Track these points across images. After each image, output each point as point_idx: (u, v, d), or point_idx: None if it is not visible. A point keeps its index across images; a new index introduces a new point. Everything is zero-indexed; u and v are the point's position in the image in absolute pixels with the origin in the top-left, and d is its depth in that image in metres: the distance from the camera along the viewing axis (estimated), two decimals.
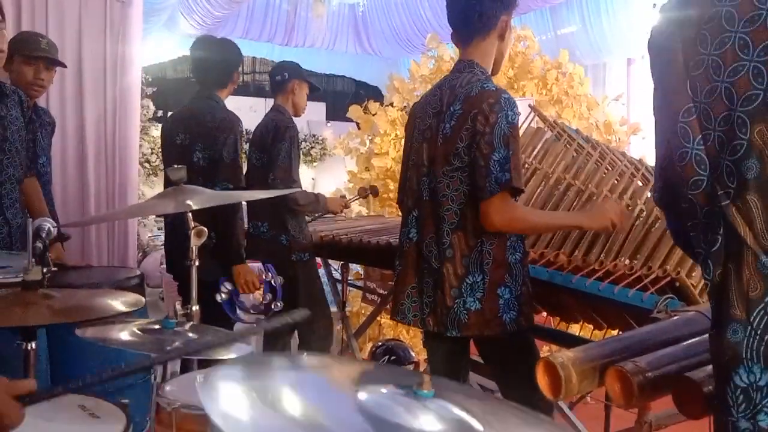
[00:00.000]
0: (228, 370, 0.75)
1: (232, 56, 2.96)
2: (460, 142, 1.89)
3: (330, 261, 4.03)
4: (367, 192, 3.59)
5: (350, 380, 0.80)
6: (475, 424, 0.69)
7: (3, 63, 2.32)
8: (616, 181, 2.36)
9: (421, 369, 3.88)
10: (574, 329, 2.98)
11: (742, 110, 1.01)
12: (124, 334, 1.39)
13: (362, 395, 0.71)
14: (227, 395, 0.67)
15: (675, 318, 1.51)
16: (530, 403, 1.01)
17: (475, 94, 1.90)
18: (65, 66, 3.02)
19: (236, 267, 2.79)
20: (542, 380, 1.32)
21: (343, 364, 0.96)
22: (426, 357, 3.93)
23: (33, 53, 2.72)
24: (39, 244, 1.78)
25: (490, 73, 2.03)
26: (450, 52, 4.92)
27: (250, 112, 9.89)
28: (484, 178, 1.84)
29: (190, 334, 1.39)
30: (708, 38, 1.05)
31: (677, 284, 1.89)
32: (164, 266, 3.14)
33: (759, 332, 0.99)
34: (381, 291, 4.11)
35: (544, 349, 3.76)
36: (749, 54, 1.00)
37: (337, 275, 4.00)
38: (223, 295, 2.74)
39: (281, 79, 3.31)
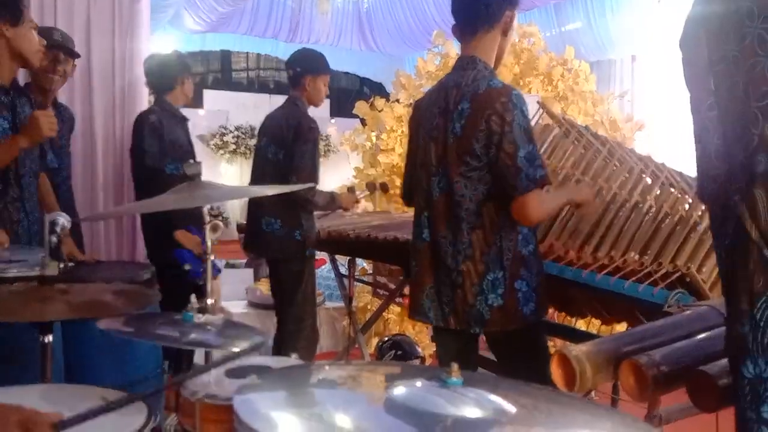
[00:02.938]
0: (261, 386, 0.76)
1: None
2: (476, 143, 1.89)
3: (337, 256, 4.03)
4: (375, 187, 3.56)
5: (379, 382, 0.82)
6: (510, 407, 0.70)
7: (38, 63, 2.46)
8: (624, 177, 2.36)
9: (427, 364, 3.89)
10: (580, 325, 2.99)
11: (757, 106, 1.02)
12: (144, 326, 1.40)
13: (397, 392, 0.72)
14: (267, 413, 0.68)
15: (687, 312, 1.53)
16: None
17: (483, 91, 1.90)
18: (79, 56, 3.06)
19: (180, 233, 2.90)
20: (556, 373, 1.33)
21: (365, 369, 0.98)
22: (432, 352, 3.95)
23: (48, 42, 2.75)
24: (54, 239, 1.79)
25: (492, 68, 2.02)
26: (456, 49, 4.92)
27: (254, 108, 9.88)
28: (515, 176, 1.84)
29: (209, 327, 1.41)
30: (730, 33, 1.06)
31: (687, 279, 1.90)
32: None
33: (762, 324, 1.01)
34: (391, 286, 4.11)
35: (549, 344, 3.76)
36: (766, 50, 1.01)
37: (343, 270, 4.00)
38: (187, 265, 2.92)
39: (294, 74, 3.26)
